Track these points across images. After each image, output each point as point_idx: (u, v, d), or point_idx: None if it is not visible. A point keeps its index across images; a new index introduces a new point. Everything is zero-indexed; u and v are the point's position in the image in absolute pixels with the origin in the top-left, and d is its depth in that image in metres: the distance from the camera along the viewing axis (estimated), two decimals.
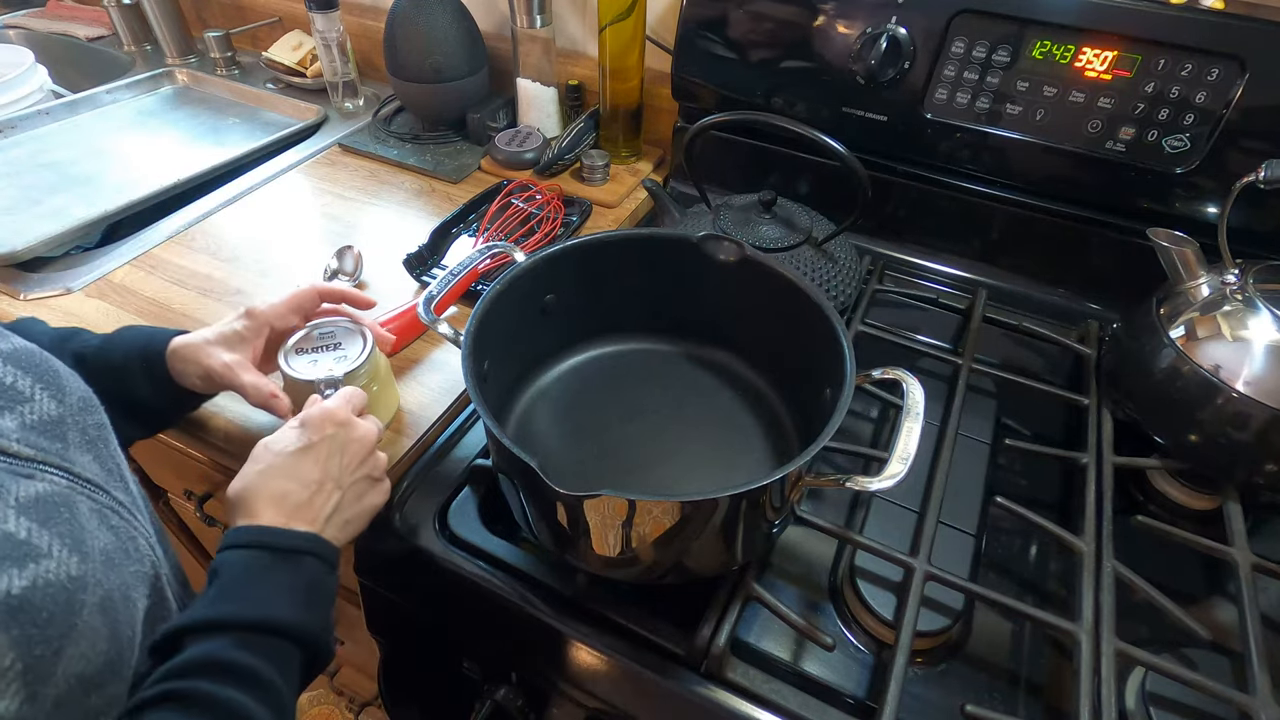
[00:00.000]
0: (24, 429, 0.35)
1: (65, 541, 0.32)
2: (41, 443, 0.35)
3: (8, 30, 1.32)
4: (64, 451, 0.36)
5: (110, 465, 0.40)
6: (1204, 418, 0.55)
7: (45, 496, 0.33)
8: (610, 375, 0.64)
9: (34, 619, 0.29)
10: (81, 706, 0.32)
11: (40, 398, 0.37)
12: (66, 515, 0.33)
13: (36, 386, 0.37)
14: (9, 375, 0.36)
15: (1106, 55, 0.66)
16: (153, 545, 0.41)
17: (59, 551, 0.31)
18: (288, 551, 0.44)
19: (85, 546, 0.33)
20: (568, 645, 0.51)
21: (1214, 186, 0.67)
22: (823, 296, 0.53)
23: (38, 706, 0.29)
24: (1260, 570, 0.53)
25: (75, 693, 0.31)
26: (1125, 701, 0.48)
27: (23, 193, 0.90)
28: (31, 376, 0.37)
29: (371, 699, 1.06)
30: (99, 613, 0.32)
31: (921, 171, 0.80)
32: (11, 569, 0.29)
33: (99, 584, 0.33)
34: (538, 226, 0.82)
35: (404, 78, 0.96)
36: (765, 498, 0.45)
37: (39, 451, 0.35)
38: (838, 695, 0.49)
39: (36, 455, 0.34)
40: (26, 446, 0.34)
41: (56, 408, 0.37)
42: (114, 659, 0.33)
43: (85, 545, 0.33)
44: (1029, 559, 0.58)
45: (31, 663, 0.29)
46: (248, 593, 0.41)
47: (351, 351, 0.57)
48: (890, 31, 0.72)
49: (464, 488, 0.60)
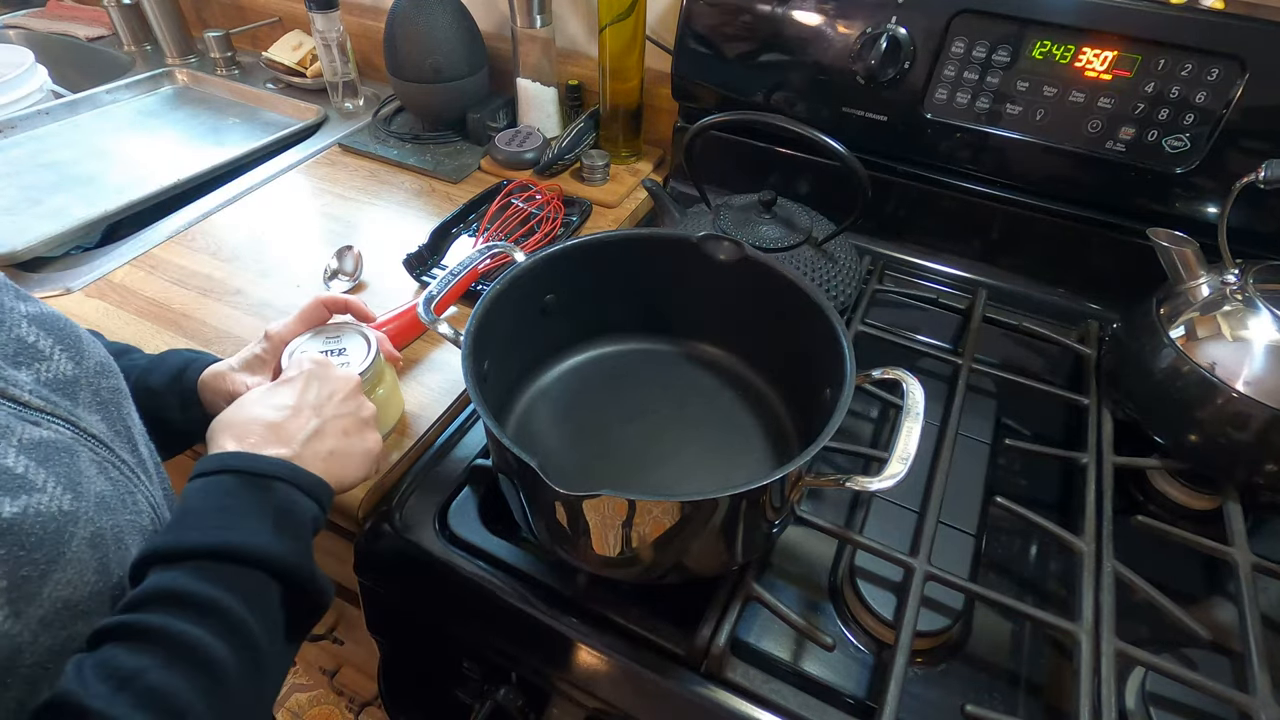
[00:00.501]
0: (38, 384, 0.37)
1: (61, 481, 0.33)
2: (53, 398, 0.37)
3: (8, 30, 1.32)
4: (73, 409, 0.38)
5: (119, 427, 0.41)
6: (1204, 418, 0.55)
7: (48, 441, 0.34)
8: (610, 375, 0.64)
9: (21, 542, 0.31)
10: (68, 630, 0.33)
11: (58, 358, 0.38)
12: (66, 460, 0.35)
13: (57, 348, 0.39)
14: (31, 334, 0.38)
15: (1106, 55, 0.66)
16: (155, 505, 0.41)
17: (53, 488, 0.33)
18: (254, 475, 0.41)
19: (80, 488, 0.34)
20: (568, 645, 0.51)
21: (1214, 186, 0.67)
22: (823, 296, 0.53)
23: (22, 623, 0.31)
24: (1260, 570, 0.53)
25: (61, 616, 0.32)
26: (1125, 701, 0.48)
27: (23, 193, 0.90)
28: (53, 338, 0.39)
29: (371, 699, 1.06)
30: (89, 546, 0.34)
31: (921, 171, 0.80)
32: (4, 497, 0.31)
33: (90, 521, 0.34)
34: (538, 226, 0.82)
35: (404, 78, 0.96)
36: (765, 498, 0.45)
37: (48, 404, 0.36)
38: (838, 695, 0.49)
39: (45, 407, 0.36)
40: (37, 398, 0.36)
41: (73, 369, 0.39)
42: (101, 591, 0.34)
43: (81, 487, 0.34)
44: (1029, 559, 0.58)
45: (17, 581, 0.30)
46: (210, 519, 0.38)
47: (356, 356, 0.57)
48: (890, 31, 0.72)
49: (464, 488, 0.60)
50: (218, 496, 0.39)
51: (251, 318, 0.74)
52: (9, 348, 0.37)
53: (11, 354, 0.37)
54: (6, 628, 0.30)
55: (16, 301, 0.40)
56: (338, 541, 0.67)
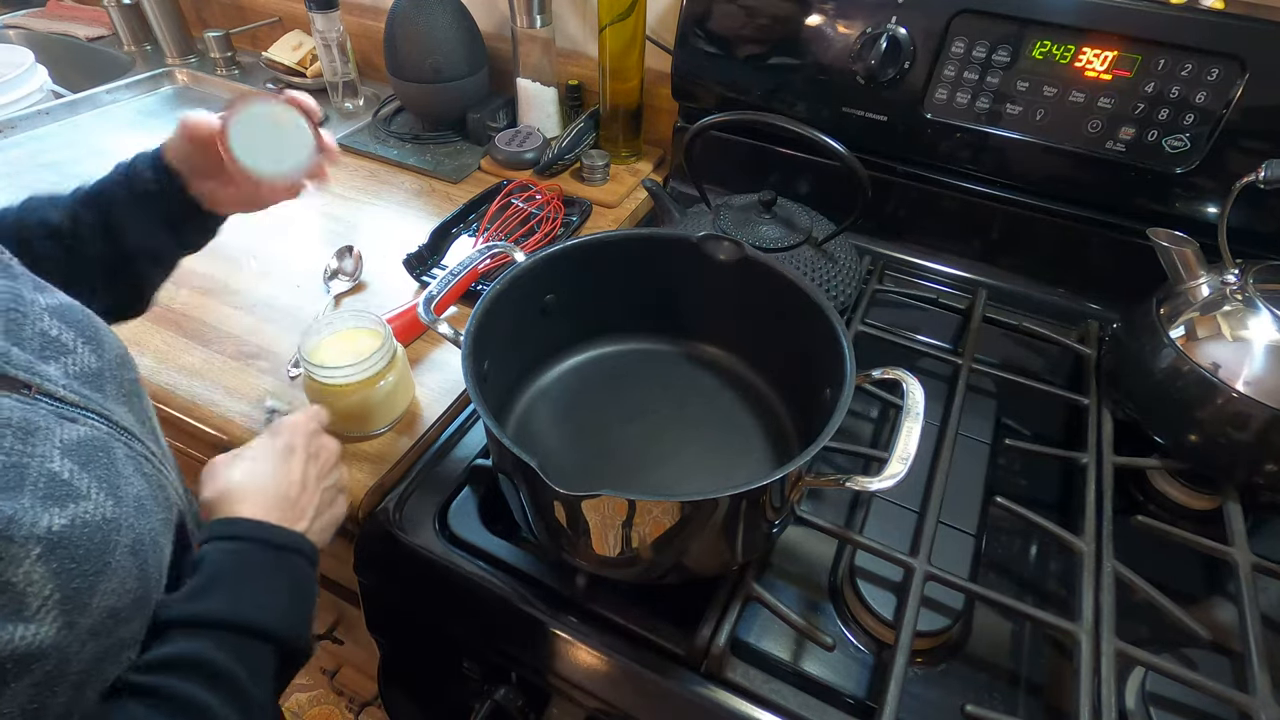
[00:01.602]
0: (68, 377, 0.37)
1: (103, 485, 0.34)
2: (84, 390, 0.37)
3: (8, 30, 1.32)
4: (103, 401, 0.38)
5: (143, 418, 0.42)
6: (1204, 418, 0.55)
7: (86, 440, 0.35)
8: (610, 375, 0.64)
9: (71, 554, 0.31)
10: (111, 637, 0.34)
11: (82, 350, 0.39)
12: (104, 460, 0.35)
13: (79, 340, 0.39)
14: (54, 328, 0.38)
15: (1106, 55, 0.66)
16: (178, 490, 0.43)
17: (96, 494, 0.33)
18: (280, 548, 0.44)
19: (120, 492, 0.35)
20: (568, 645, 0.51)
21: (1214, 186, 0.67)
22: (823, 296, 0.53)
23: (74, 634, 0.31)
24: (1260, 570, 0.53)
25: (107, 625, 0.33)
26: (1125, 701, 0.48)
27: (23, 193, 0.90)
28: (74, 331, 0.39)
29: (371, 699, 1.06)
30: (130, 554, 0.34)
31: (921, 171, 0.80)
32: (53, 508, 0.31)
33: (131, 528, 0.35)
34: (538, 226, 0.82)
35: (404, 78, 0.96)
36: (765, 498, 0.45)
37: (82, 398, 0.37)
38: (838, 695, 0.49)
39: (80, 401, 0.36)
40: (71, 393, 0.36)
41: (96, 361, 0.39)
42: (141, 597, 0.35)
43: (120, 490, 0.35)
44: (1029, 559, 0.58)
45: (69, 594, 0.31)
46: (239, 590, 0.41)
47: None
48: (890, 31, 0.72)
49: (464, 488, 0.60)
50: (248, 567, 0.42)
51: (252, 318, 0.74)
52: (35, 342, 0.37)
53: (38, 348, 0.37)
54: (60, 639, 0.30)
55: (36, 294, 0.39)
56: (338, 541, 0.67)
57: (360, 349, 0.59)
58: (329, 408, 0.60)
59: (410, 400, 0.65)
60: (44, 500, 0.31)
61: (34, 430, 0.32)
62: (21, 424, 0.32)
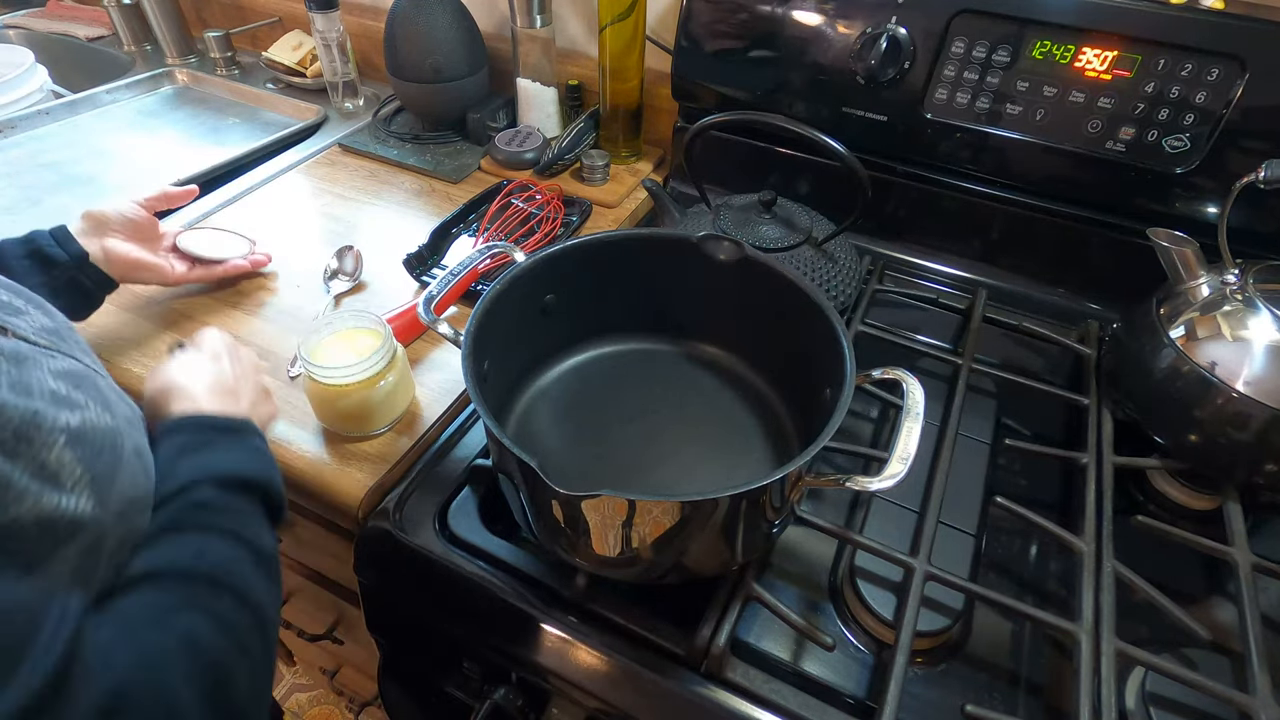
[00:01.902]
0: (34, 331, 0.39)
1: (96, 401, 0.37)
2: (52, 339, 0.39)
3: (8, 30, 1.32)
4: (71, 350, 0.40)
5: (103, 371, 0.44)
6: (1204, 418, 0.55)
7: (72, 370, 0.37)
8: (610, 375, 0.64)
9: (90, 447, 0.34)
10: (130, 524, 0.37)
11: (34, 312, 0.41)
12: (92, 384, 0.38)
13: (30, 304, 0.41)
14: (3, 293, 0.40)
15: (1106, 55, 0.66)
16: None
17: (94, 407, 0.36)
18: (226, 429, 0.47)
19: (113, 408, 0.38)
20: (568, 645, 0.51)
21: (1214, 186, 0.67)
22: (823, 296, 0.53)
23: (106, 512, 0.34)
24: (1260, 570, 0.53)
25: (129, 511, 0.37)
26: (1125, 701, 0.48)
27: (23, 193, 0.90)
28: (23, 298, 0.41)
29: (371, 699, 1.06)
30: (136, 456, 0.39)
31: (921, 171, 0.80)
32: (65, 410, 0.34)
33: (130, 436, 0.39)
34: (538, 226, 0.82)
35: (404, 78, 0.96)
36: (765, 498, 0.45)
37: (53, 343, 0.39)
38: (838, 695, 0.49)
39: (53, 345, 0.39)
40: (42, 339, 0.38)
41: (49, 321, 0.41)
42: (149, 493, 0.40)
43: (113, 408, 0.38)
44: (1029, 559, 0.58)
45: (96, 476, 0.34)
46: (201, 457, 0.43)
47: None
48: (890, 31, 0.72)
49: (464, 488, 0.60)
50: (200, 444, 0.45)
51: (252, 318, 0.74)
52: None
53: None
54: (96, 514, 0.33)
55: None
56: (338, 541, 0.67)
57: (360, 349, 0.59)
58: (329, 408, 0.60)
59: (410, 400, 0.65)
60: (55, 405, 0.33)
61: (25, 359, 0.34)
62: (13, 353, 0.34)
